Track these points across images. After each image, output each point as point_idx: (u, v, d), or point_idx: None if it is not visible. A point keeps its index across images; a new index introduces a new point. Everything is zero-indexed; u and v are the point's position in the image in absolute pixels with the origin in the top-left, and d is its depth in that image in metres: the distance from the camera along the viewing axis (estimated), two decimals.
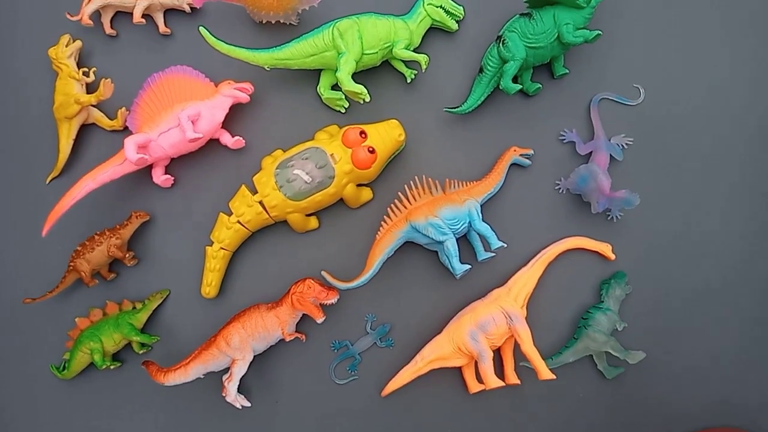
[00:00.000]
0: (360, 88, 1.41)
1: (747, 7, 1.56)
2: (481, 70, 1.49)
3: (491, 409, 1.49)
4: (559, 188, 1.53)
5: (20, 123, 1.59)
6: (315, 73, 1.53)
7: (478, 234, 1.44)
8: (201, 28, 1.43)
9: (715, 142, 1.54)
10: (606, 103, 1.55)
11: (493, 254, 1.44)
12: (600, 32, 1.40)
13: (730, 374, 1.49)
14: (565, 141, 1.54)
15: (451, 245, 1.39)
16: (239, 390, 1.42)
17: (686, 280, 1.51)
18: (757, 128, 1.54)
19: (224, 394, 1.40)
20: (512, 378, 1.44)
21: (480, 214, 1.43)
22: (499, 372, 1.45)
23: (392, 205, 1.44)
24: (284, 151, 1.47)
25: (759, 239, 1.51)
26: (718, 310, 1.50)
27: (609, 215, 1.51)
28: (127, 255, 1.49)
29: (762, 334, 1.49)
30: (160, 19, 1.57)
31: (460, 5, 1.55)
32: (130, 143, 1.40)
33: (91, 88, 1.55)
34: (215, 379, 1.45)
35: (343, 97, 1.52)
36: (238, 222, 1.44)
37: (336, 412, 1.49)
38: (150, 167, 1.50)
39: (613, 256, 1.50)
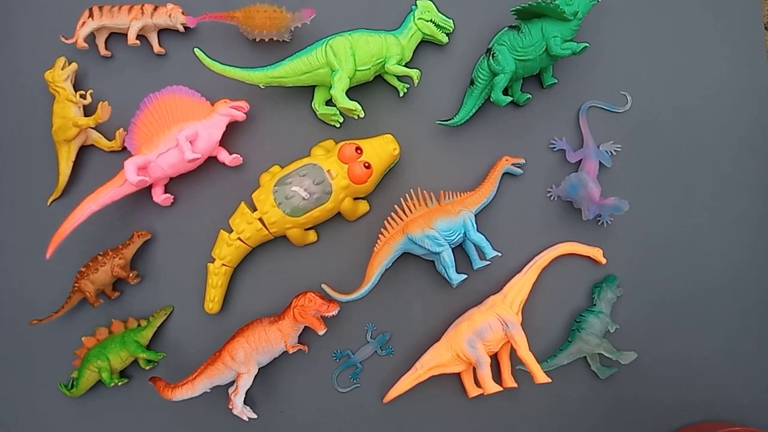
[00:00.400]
0: (354, 105, 1.44)
1: (733, 14, 1.60)
2: (472, 83, 1.52)
3: (490, 412, 1.54)
4: (551, 196, 1.57)
5: (20, 146, 1.61)
6: (309, 90, 1.56)
7: (473, 244, 1.48)
8: (196, 49, 1.46)
9: (701, 147, 1.58)
10: (594, 111, 1.59)
11: (488, 263, 1.48)
12: (587, 44, 1.43)
13: (719, 371, 1.55)
14: (555, 149, 1.58)
15: (448, 256, 1.43)
16: (245, 401, 1.46)
17: (675, 282, 1.56)
18: (744, 133, 1.58)
19: (231, 407, 1.44)
20: (509, 381, 1.49)
21: (474, 225, 1.47)
22: (497, 376, 1.50)
23: (389, 218, 1.47)
24: (282, 168, 1.50)
25: (745, 241, 1.56)
26: (707, 310, 1.55)
27: (600, 221, 1.56)
28: (131, 274, 1.51)
29: (749, 333, 1.55)
30: (154, 39, 1.59)
31: (449, 18, 1.57)
32: (130, 165, 1.43)
33: (88, 110, 1.56)
34: (221, 392, 1.49)
35: (338, 112, 1.55)
36: (239, 239, 1.47)
37: (339, 420, 1.54)
38: (150, 186, 1.52)
39: (604, 261, 1.54)
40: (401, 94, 1.59)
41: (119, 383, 1.49)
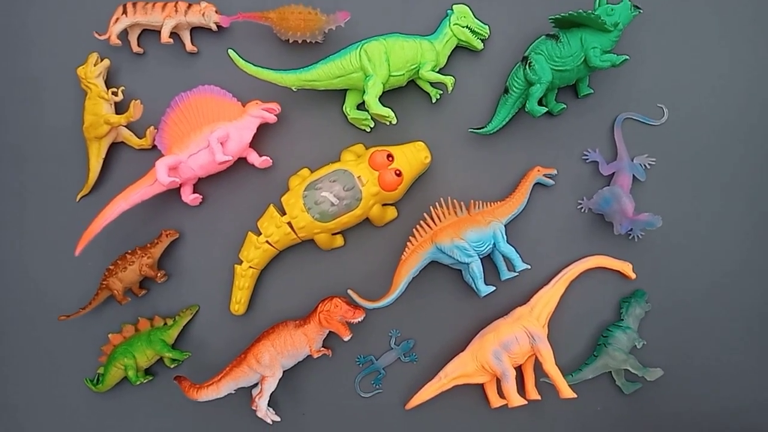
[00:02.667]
0: (387, 112, 1.42)
1: None
2: (506, 91, 1.51)
3: (512, 423, 1.54)
4: (582, 208, 1.55)
5: (51, 142, 1.62)
6: (340, 93, 1.55)
7: (502, 255, 1.47)
8: (230, 51, 1.45)
9: (737, 164, 1.56)
10: (629, 123, 1.56)
11: (516, 274, 1.47)
12: (627, 57, 1.41)
13: (746, 388, 1.53)
14: (588, 161, 1.56)
15: (476, 267, 1.42)
16: (268, 403, 1.47)
17: (704, 299, 1.54)
18: None
19: (254, 408, 1.45)
20: (533, 394, 1.49)
21: (504, 236, 1.46)
22: (521, 387, 1.49)
23: (418, 226, 1.47)
24: (311, 171, 1.50)
25: None
26: (736, 329, 1.54)
27: (630, 235, 1.54)
28: (159, 273, 1.52)
29: None
30: (186, 37, 1.58)
31: (485, 24, 1.55)
32: (161, 166, 1.43)
33: (119, 107, 1.57)
34: (245, 393, 1.49)
35: (369, 117, 1.54)
36: (267, 242, 1.47)
37: (361, 425, 1.55)
38: (179, 186, 1.52)
39: (633, 275, 1.53)
40: (434, 100, 1.57)
41: (144, 381, 1.51)
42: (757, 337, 1.54)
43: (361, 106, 1.55)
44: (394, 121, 1.44)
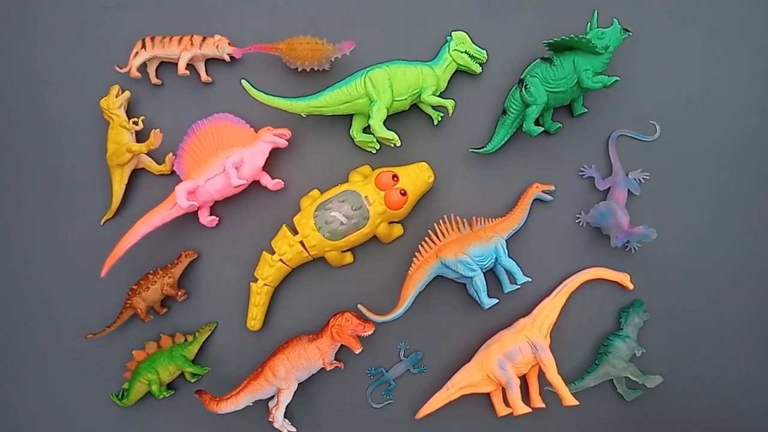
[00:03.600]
0: (392, 135, 1.50)
1: (761, 42, 1.63)
2: (504, 112, 1.58)
3: (518, 431, 1.59)
4: (580, 222, 1.62)
5: (76, 169, 1.71)
6: (347, 117, 1.63)
7: (504, 269, 1.54)
8: (243, 81, 1.54)
9: (729, 175, 1.62)
10: (623, 139, 1.63)
11: (519, 287, 1.54)
12: (618, 78, 1.48)
13: (746, 395, 1.58)
14: (584, 176, 1.63)
15: (480, 281, 1.49)
16: (284, 414, 1.53)
17: (701, 307, 1.60)
18: None
19: (271, 420, 1.51)
20: (537, 402, 1.55)
21: (506, 250, 1.52)
22: (525, 396, 1.55)
23: (423, 242, 1.53)
24: (321, 192, 1.57)
25: None
26: (733, 335, 1.59)
27: (627, 246, 1.60)
28: (179, 292, 1.60)
29: None
30: (201, 68, 1.67)
31: (483, 49, 1.63)
32: (181, 191, 1.51)
33: (139, 136, 1.66)
34: (262, 405, 1.56)
35: (375, 139, 1.62)
36: (280, 260, 1.55)
37: None
38: (197, 209, 1.61)
39: (631, 286, 1.58)
40: (435, 123, 1.65)
41: (167, 395, 1.58)
42: (753, 344, 1.59)
43: (367, 130, 1.63)
44: (399, 144, 1.52)
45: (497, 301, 1.49)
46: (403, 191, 1.52)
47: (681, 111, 1.63)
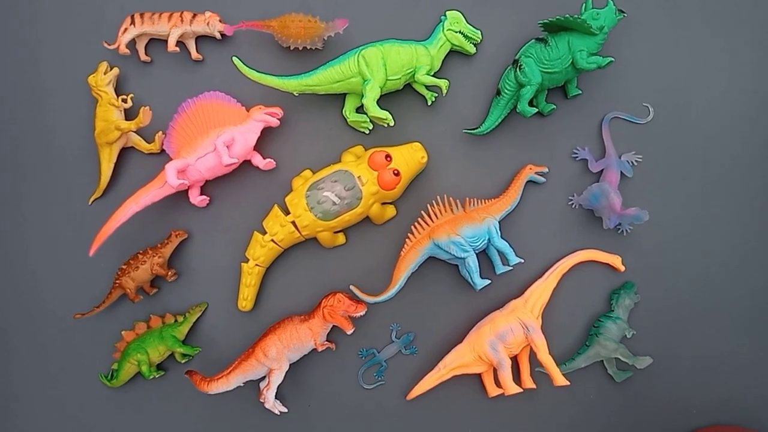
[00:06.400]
0: (385, 114, 1.49)
1: (754, 26, 1.63)
2: (498, 93, 1.57)
3: (509, 411, 1.60)
4: (572, 204, 1.62)
5: (64, 148, 1.68)
6: (340, 97, 1.62)
7: (496, 250, 1.54)
8: (234, 58, 1.51)
9: (721, 158, 1.62)
10: (617, 122, 1.63)
11: (511, 268, 1.54)
12: (612, 59, 1.47)
13: (734, 375, 1.60)
14: (577, 158, 1.62)
15: (472, 262, 1.49)
16: (275, 395, 1.53)
17: (691, 290, 1.61)
18: (765, 144, 1.62)
19: (262, 400, 1.51)
20: (528, 382, 1.55)
21: (498, 232, 1.52)
22: (516, 377, 1.56)
23: (415, 223, 1.53)
24: (313, 172, 1.56)
25: (762, 250, 1.60)
26: (722, 318, 1.60)
27: (619, 229, 1.60)
28: (169, 272, 1.59)
29: (765, 339, 1.59)
30: (192, 45, 1.65)
31: (477, 29, 1.62)
32: (171, 169, 1.49)
33: (128, 114, 1.63)
34: (253, 386, 1.56)
35: (368, 119, 1.60)
36: (272, 240, 1.54)
37: (364, 415, 1.61)
38: (187, 188, 1.59)
39: (622, 268, 1.59)
40: (429, 103, 1.64)
41: (157, 375, 1.57)
42: (742, 326, 1.60)
43: (360, 109, 1.62)
44: (392, 123, 1.50)
45: (489, 282, 1.50)
46: (396, 171, 1.51)
47: (674, 94, 1.63)
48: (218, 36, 1.64)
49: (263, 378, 1.53)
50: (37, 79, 1.70)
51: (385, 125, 1.51)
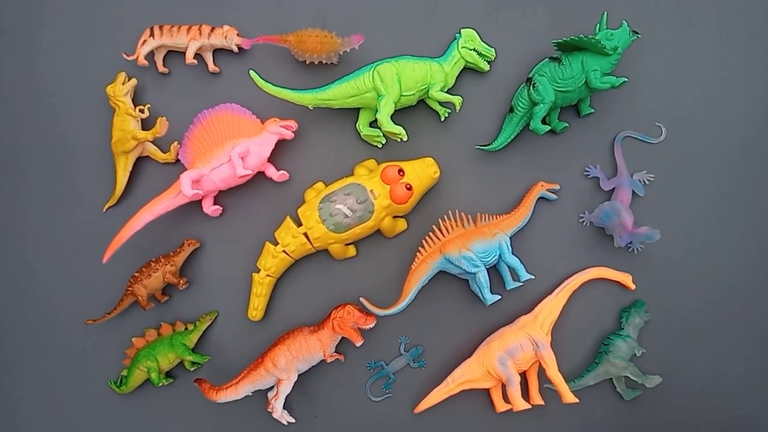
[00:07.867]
0: (399, 129, 1.50)
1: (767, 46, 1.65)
2: (511, 110, 1.58)
3: (517, 427, 1.59)
4: (583, 221, 1.63)
5: (80, 155, 1.70)
6: (354, 111, 1.63)
7: (507, 265, 1.54)
8: (251, 71, 1.54)
9: (732, 179, 1.63)
10: (629, 141, 1.64)
11: (521, 284, 1.54)
12: (626, 79, 1.49)
13: (744, 395, 1.59)
14: (589, 176, 1.63)
15: (483, 277, 1.49)
16: (283, 405, 1.53)
17: (703, 309, 1.61)
18: None
19: (270, 410, 1.51)
20: (537, 399, 1.55)
21: (509, 247, 1.53)
22: (525, 392, 1.56)
23: (427, 237, 1.54)
24: (326, 185, 1.58)
25: None
26: (733, 337, 1.60)
27: (630, 247, 1.61)
28: (181, 281, 1.60)
29: None
30: (209, 58, 1.67)
31: (491, 47, 1.63)
32: (185, 179, 1.51)
33: (145, 124, 1.65)
34: (261, 395, 1.56)
35: (381, 134, 1.62)
36: (284, 251, 1.55)
37: (371, 427, 1.61)
38: (201, 198, 1.60)
39: (633, 286, 1.59)
40: (442, 119, 1.65)
41: (166, 383, 1.58)
42: (753, 346, 1.60)
43: (374, 124, 1.63)
44: (405, 138, 1.52)
45: (499, 297, 1.50)
46: (408, 186, 1.52)
47: (687, 114, 1.64)
48: (235, 49, 1.66)
49: (272, 388, 1.53)
50: (56, 88, 1.73)
51: (399, 140, 1.52)
